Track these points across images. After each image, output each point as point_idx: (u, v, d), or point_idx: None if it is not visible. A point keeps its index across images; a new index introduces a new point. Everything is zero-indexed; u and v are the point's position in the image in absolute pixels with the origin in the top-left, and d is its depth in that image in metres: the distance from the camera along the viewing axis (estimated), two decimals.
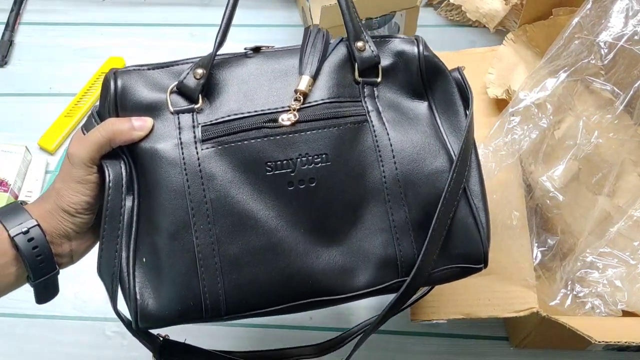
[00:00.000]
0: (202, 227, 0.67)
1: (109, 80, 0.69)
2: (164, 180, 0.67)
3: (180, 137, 0.68)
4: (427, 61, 0.72)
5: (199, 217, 0.67)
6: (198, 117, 0.68)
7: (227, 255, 0.67)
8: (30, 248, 0.67)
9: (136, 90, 0.69)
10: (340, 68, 0.71)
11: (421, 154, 0.70)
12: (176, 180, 0.67)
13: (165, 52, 1.29)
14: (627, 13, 0.90)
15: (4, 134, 1.20)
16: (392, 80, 0.73)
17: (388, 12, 1.16)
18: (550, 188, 0.87)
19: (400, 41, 0.73)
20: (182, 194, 0.67)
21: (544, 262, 0.88)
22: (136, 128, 0.67)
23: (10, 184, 1.11)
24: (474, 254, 0.70)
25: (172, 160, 0.67)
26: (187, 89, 0.69)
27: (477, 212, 0.70)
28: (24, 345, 1.01)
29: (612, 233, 0.88)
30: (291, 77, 0.70)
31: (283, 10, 1.32)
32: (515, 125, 0.86)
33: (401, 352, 0.98)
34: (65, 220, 0.68)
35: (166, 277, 0.67)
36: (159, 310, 0.67)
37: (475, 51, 1.04)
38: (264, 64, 0.71)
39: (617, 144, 0.90)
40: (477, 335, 0.98)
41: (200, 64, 0.69)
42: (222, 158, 0.67)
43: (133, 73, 0.70)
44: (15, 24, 1.32)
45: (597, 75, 0.90)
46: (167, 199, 0.67)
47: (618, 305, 0.86)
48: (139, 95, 0.69)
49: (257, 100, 0.69)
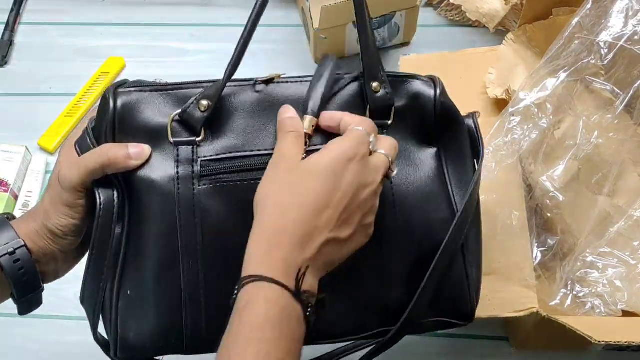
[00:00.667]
0: (191, 265, 0.65)
1: (107, 98, 0.65)
2: (157, 213, 0.65)
3: (177, 171, 0.65)
4: (443, 108, 0.69)
5: (189, 256, 0.64)
6: (198, 151, 0.66)
7: (213, 295, 0.65)
8: (16, 269, 0.65)
9: (137, 113, 0.66)
10: (349, 107, 0.67)
11: (423, 204, 0.68)
12: (169, 215, 0.64)
13: (165, 52, 1.29)
14: (627, 13, 0.90)
15: (4, 134, 1.20)
16: (403, 122, 0.69)
17: (388, 12, 1.16)
18: (550, 188, 0.87)
19: (419, 83, 0.69)
20: (174, 230, 0.64)
21: (544, 262, 0.88)
22: (132, 156, 0.64)
23: (10, 184, 1.11)
24: (462, 310, 0.70)
25: (167, 193, 0.65)
26: (190, 120, 0.65)
27: (471, 270, 0.69)
28: (24, 345, 1.01)
29: (612, 233, 0.88)
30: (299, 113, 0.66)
31: (283, 10, 1.32)
32: (515, 125, 0.87)
33: (401, 352, 0.98)
34: (52, 241, 0.67)
35: (150, 312, 0.66)
36: (140, 343, 0.66)
37: (475, 51, 1.05)
38: (270, 98, 0.67)
39: (617, 144, 0.90)
40: (477, 335, 0.98)
41: (207, 95, 0.65)
42: (218, 196, 0.65)
43: (134, 94, 0.66)
44: (15, 24, 1.32)
45: (597, 75, 0.90)
46: (157, 234, 0.65)
47: (618, 305, 0.86)
48: (139, 120, 0.66)
49: (261, 139, 0.66)
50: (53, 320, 1.03)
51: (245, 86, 0.68)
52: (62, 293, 1.03)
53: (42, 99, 1.25)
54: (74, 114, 1.21)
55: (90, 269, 0.66)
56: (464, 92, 0.98)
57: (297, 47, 1.27)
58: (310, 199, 0.58)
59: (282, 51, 1.27)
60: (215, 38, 1.28)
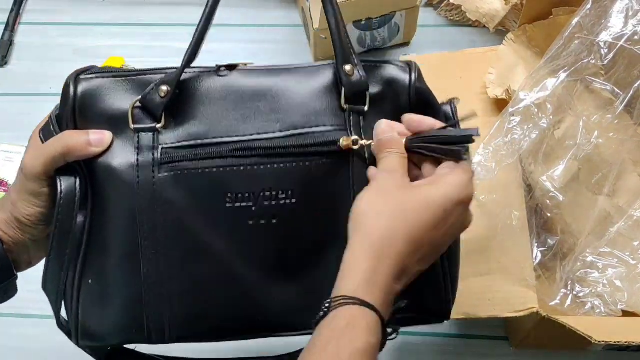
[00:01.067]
0: (152, 255, 0.63)
1: (68, 85, 0.64)
2: (117, 201, 0.63)
3: (137, 158, 0.63)
4: (418, 93, 0.67)
5: (149, 245, 0.63)
6: (159, 138, 0.64)
7: (175, 285, 0.64)
8: None
9: (98, 100, 0.64)
10: (323, 94, 0.66)
11: None
12: (129, 203, 0.63)
13: (165, 52, 1.29)
14: (627, 13, 0.90)
15: (4, 134, 1.20)
16: (378, 108, 0.66)
17: (388, 12, 1.16)
18: (550, 188, 0.87)
19: (393, 68, 0.67)
20: (133, 218, 0.63)
21: (544, 262, 0.88)
22: (93, 143, 0.63)
23: (10, 184, 1.11)
24: (439, 309, 0.69)
25: (127, 181, 0.63)
26: (150, 106, 0.64)
27: (449, 269, 0.68)
28: (24, 345, 1.01)
29: (612, 233, 0.88)
30: (264, 102, 0.65)
31: (283, 10, 1.32)
32: (515, 126, 0.87)
33: (401, 352, 0.98)
34: (22, 230, 0.66)
35: (110, 301, 0.65)
36: (100, 332, 0.66)
37: (475, 51, 1.05)
38: (235, 84, 0.65)
39: (617, 144, 0.90)
40: (477, 335, 0.98)
41: (166, 81, 0.63)
42: (179, 184, 0.63)
43: (96, 80, 0.64)
44: (15, 24, 1.32)
45: (597, 75, 0.90)
46: (118, 222, 0.63)
47: (618, 305, 0.86)
48: (100, 106, 0.64)
49: (224, 126, 0.64)
50: (53, 320, 1.02)
51: (209, 72, 0.66)
52: None
53: (42, 99, 1.25)
54: None
55: (52, 256, 0.65)
56: (464, 92, 0.98)
57: (297, 47, 1.27)
58: (418, 231, 0.57)
59: (282, 51, 1.27)
60: (215, 38, 1.28)
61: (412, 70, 0.67)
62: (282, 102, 0.65)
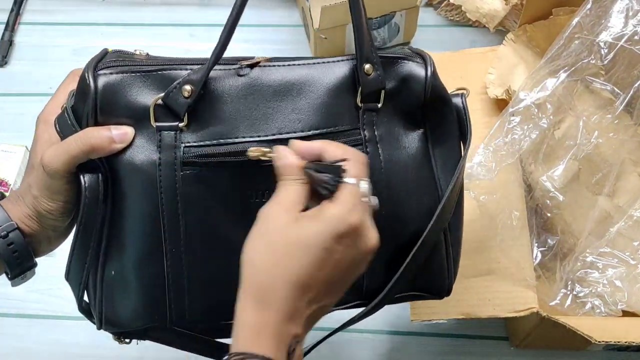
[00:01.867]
0: (175, 250, 0.64)
1: (87, 79, 0.62)
2: (140, 197, 0.63)
3: (160, 156, 0.63)
4: (432, 90, 0.67)
5: (172, 241, 0.64)
6: (181, 136, 0.63)
7: (197, 278, 0.65)
8: (10, 252, 0.65)
9: (118, 96, 0.63)
10: (340, 92, 0.66)
11: (409, 191, 0.67)
12: (152, 200, 0.63)
13: (165, 52, 1.28)
14: (627, 13, 0.90)
15: (4, 134, 1.20)
16: (391, 103, 0.67)
17: (388, 12, 1.16)
18: (550, 188, 0.87)
19: (411, 65, 0.67)
20: (157, 215, 0.63)
21: (544, 262, 0.88)
22: (116, 140, 0.62)
23: (10, 184, 1.11)
24: (440, 287, 0.70)
25: (150, 178, 0.63)
26: (173, 105, 0.63)
27: (451, 249, 0.69)
28: (24, 345, 1.01)
29: (612, 233, 0.88)
30: (285, 101, 0.65)
31: (283, 10, 1.32)
32: (516, 125, 0.86)
33: (401, 352, 0.98)
34: (44, 223, 0.66)
35: (133, 293, 0.66)
36: (123, 320, 0.67)
37: (476, 51, 1.04)
38: (257, 82, 0.65)
39: (617, 144, 0.90)
40: (477, 335, 0.98)
41: (190, 80, 0.62)
42: (201, 183, 0.63)
43: (115, 75, 0.63)
44: (15, 24, 1.32)
45: (597, 75, 0.90)
46: (140, 218, 0.64)
47: (618, 305, 0.86)
48: (121, 102, 0.63)
49: (246, 126, 0.64)
50: (53, 320, 1.03)
51: (230, 70, 0.65)
52: (62, 293, 1.04)
53: (42, 99, 1.23)
54: None
55: (76, 249, 0.65)
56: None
57: (297, 47, 1.27)
58: (296, 276, 0.55)
59: (282, 51, 1.27)
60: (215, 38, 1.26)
61: (427, 65, 0.67)
62: (302, 102, 0.65)
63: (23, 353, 1.01)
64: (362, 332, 0.99)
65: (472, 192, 0.81)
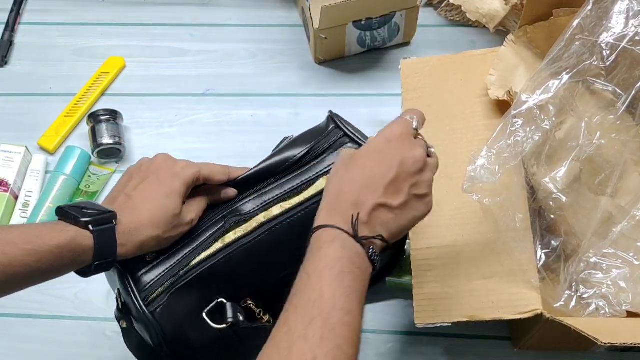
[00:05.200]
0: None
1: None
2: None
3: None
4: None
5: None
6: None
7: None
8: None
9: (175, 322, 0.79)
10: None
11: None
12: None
13: (165, 52, 1.29)
14: (627, 14, 0.90)
15: (4, 134, 1.20)
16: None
17: (388, 12, 1.16)
18: (553, 190, 0.87)
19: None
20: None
21: (547, 263, 0.88)
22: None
23: (10, 184, 1.11)
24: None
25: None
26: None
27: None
28: (24, 345, 1.01)
29: (615, 234, 0.88)
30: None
31: (283, 10, 1.32)
32: (518, 128, 0.86)
33: (403, 352, 0.98)
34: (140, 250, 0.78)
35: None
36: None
37: (476, 53, 1.04)
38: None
39: (619, 145, 0.90)
40: (480, 335, 0.98)
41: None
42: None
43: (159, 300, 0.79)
44: (15, 24, 1.32)
45: (599, 77, 0.90)
46: None
47: (623, 306, 0.86)
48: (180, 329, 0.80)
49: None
50: (53, 320, 1.03)
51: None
52: (62, 293, 1.04)
53: (42, 99, 1.25)
54: (74, 114, 1.21)
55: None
56: (465, 94, 0.98)
57: (297, 47, 1.28)
58: (359, 174, 0.70)
59: (282, 51, 1.27)
60: (215, 38, 1.28)
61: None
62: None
63: (23, 353, 1.01)
64: (362, 332, 0.99)
65: (476, 195, 0.81)
